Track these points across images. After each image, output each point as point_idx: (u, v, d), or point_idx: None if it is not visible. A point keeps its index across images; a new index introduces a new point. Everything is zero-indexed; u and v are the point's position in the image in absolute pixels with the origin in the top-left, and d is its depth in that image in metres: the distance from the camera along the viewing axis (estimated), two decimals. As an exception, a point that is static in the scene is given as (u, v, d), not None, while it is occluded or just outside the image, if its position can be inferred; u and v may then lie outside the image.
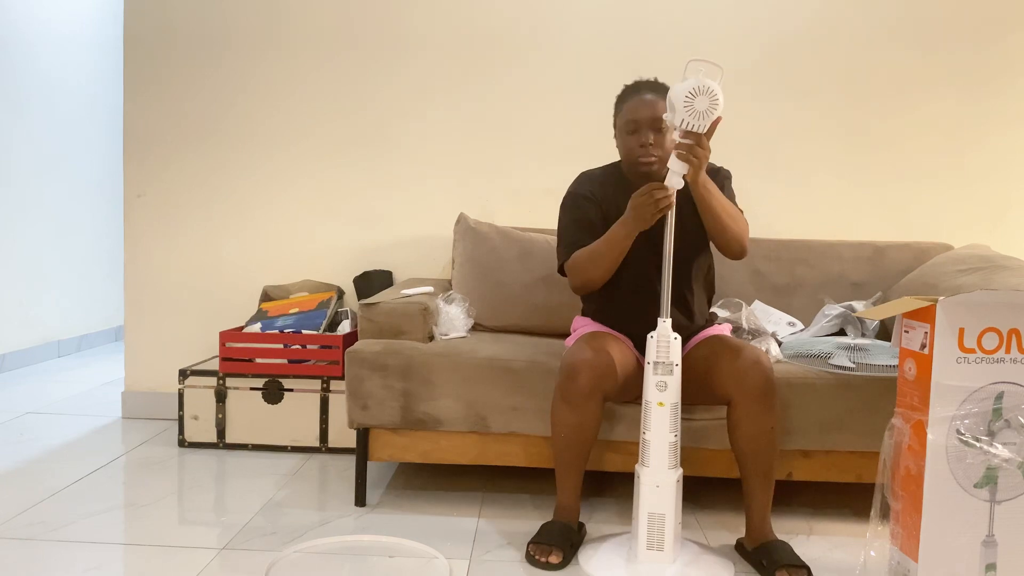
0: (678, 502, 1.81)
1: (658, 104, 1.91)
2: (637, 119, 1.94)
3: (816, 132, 2.94)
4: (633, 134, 1.96)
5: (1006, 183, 2.94)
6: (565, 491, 1.95)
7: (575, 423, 1.88)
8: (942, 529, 1.56)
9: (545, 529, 1.92)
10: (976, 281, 2.22)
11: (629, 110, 1.96)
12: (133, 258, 3.06)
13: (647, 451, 1.79)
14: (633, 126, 1.95)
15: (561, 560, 1.84)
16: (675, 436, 1.79)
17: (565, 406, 1.88)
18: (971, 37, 2.91)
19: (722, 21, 2.92)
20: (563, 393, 1.88)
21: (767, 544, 1.85)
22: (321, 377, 2.66)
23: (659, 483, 1.78)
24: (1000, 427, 1.56)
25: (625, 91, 2.03)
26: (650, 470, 1.79)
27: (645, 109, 1.93)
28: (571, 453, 1.91)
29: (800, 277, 2.71)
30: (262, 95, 3.01)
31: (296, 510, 2.15)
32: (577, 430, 1.89)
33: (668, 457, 1.78)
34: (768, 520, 1.89)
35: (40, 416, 3.10)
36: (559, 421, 1.90)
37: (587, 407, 1.87)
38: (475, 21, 2.96)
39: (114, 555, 1.85)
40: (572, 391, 1.86)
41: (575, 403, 1.87)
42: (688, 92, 1.69)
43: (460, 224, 2.77)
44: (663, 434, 1.78)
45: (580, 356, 1.88)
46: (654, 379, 1.78)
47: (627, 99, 1.99)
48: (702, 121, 1.70)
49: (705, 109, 1.69)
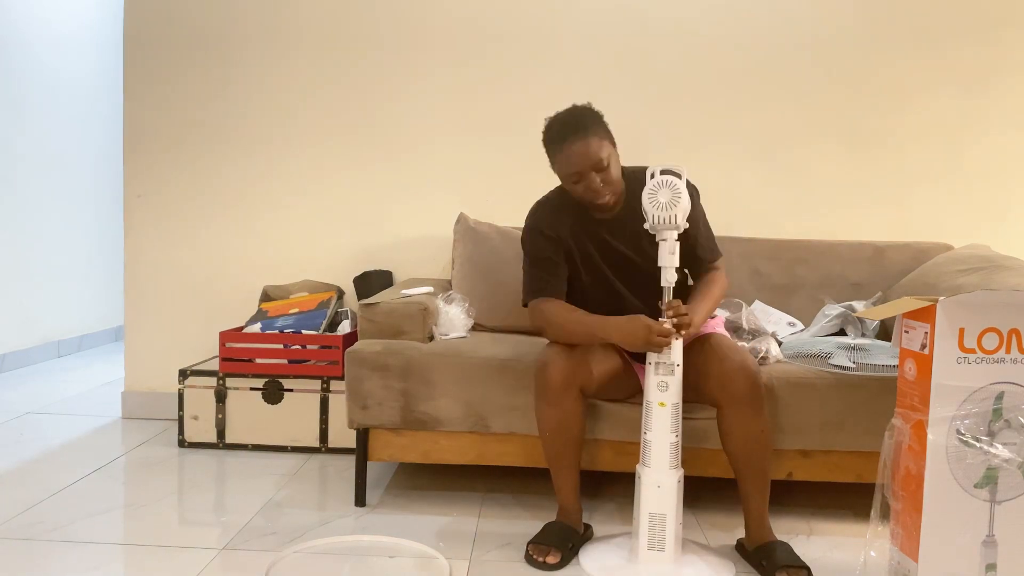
0: (679, 502, 1.81)
1: (590, 143, 1.84)
2: (577, 170, 1.86)
3: (816, 132, 2.94)
4: (579, 183, 1.88)
5: (1006, 183, 2.94)
6: (561, 491, 1.96)
7: (555, 419, 1.90)
8: (942, 529, 1.56)
9: (546, 529, 1.92)
10: (976, 281, 2.21)
11: (565, 163, 1.87)
12: (133, 258, 3.06)
13: (648, 451, 1.80)
14: (576, 177, 1.87)
15: (559, 560, 1.84)
16: (676, 436, 1.79)
17: (543, 404, 1.91)
18: (971, 37, 2.91)
19: (722, 20, 2.92)
20: (538, 391, 1.91)
21: (767, 545, 1.85)
22: (321, 377, 2.66)
23: (660, 483, 1.78)
24: (1000, 427, 1.56)
25: (554, 135, 1.90)
26: (651, 470, 1.79)
27: (579, 159, 1.84)
28: (559, 451, 1.93)
29: (800, 277, 2.71)
30: (262, 95, 3.01)
31: (296, 510, 2.15)
32: (559, 426, 1.90)
33: (669, 457, 1.78)
34: (767, 520, 1.89)
35: (40, 416, 3.10)
36: (541, 419, 1.93)
37: (564, 402, 1.88)
38: (476, 21, 2.95)
39: (114, 555, 1.85)
40: (546, 387, 1.88)
41: (551, 399, 1.89)
42: (650, 190, 1.78)
43: (460, 224, 2.76)
44: (664, 434, 1.78)
45: (549, 352, 1.91)
46: (655, 379, 1.79)
47: (560, 147, 1.87)
48: (670, 212, 1.76)
49: (668, 200, 1.76)
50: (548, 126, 1.92)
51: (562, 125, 1.88)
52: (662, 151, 2.82)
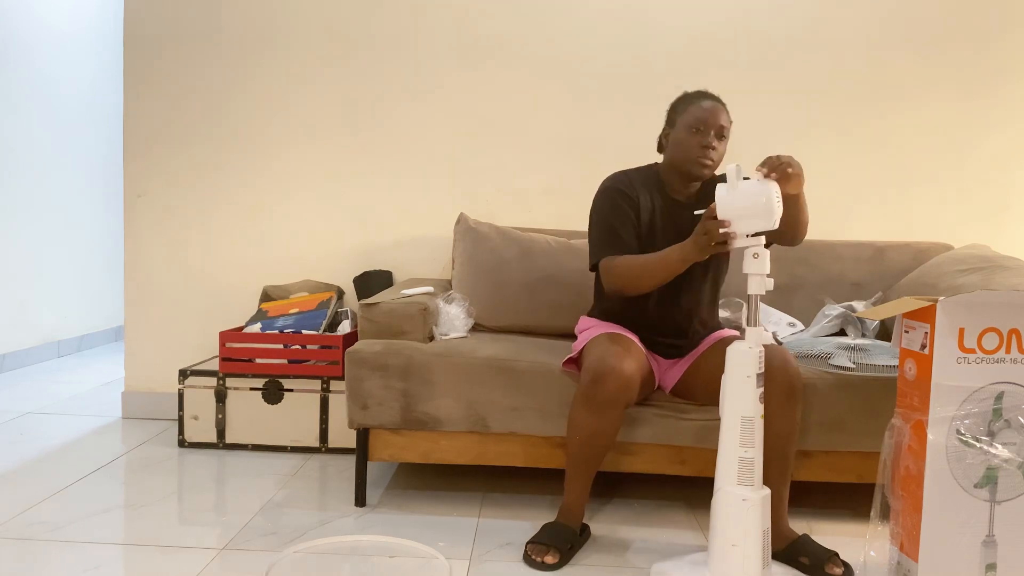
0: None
1: (724, 110, 1.98)
2: (706, 120, 1.95)
3: (816, 132, 2.94)
4: (697, 134, 1.96)
5: (1006, 183, 2.94)
6: (572, 493, 1.95)
7: (594, 429, 1.87)
8: (942, 529, 1.56)
9: (545, 529, 1.92)
10: (976, 281, 2.21)
11: (699, 110, 1.96)
12: (133, 258, 3.06)
13: (751, 469, 1.68)
14: (701, 125, 1.95)
15: (557, 561, 1.83)
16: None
17: (586, 411, 1.87)
18: (971, 36, 2.91)
19: (722, 20, 2.92)
20: (586, 398, 1.86)
21: (796, 541, 1.85)
22: (321, 377, 2.66)
23: (764, 498, 1.69)
24: (1000, 427, 1.56)
25: (692, 94, 2.03)
26: (755, 487, 1.68)
27: (717, 114, 1.96)
28: (584, 457, 1.91)
29: (800, 277, 2.71)
30: (262, 95, 3.01)
31: (296, 510, 2.15)
32: (595, 436, 1.88)
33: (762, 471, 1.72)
34: (787, 517, 1.89)
35: (40, 416, 3.10)
36: (578, 425, 1.89)
37: (609, 415, 1.86)
38: (477, 21, 2.95)
39: (114, 555, 1.85)
40: (596, 397, 1.85)
41: (598, 410, 1.86)
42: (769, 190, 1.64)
43: (460, 224, 2.77)
44: (759, 448, 1.69)
45: (608, 363, 1.85)
46: (756, 392, 1.67)
47: (696, 100, 1.99)
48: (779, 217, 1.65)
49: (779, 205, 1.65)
50: (686, 92, 2.05)
51: (703, 91, 2.03)
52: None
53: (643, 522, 2.14)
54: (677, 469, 2.14)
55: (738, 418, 1.67)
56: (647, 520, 2.16)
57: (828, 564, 1.79)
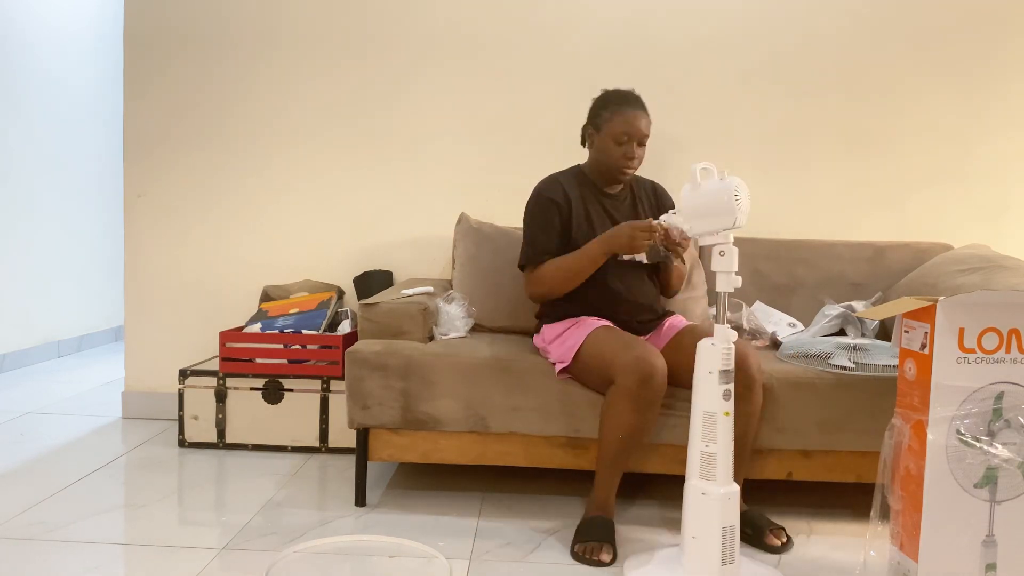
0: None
1: (645, 118, 2.11)
2: (630, 132, 2.07)
3: (816, 132, 2.94)
4: (622, 145, 2.08)
5: (1006, 183, 2.94)
6: (606, 488, 1.96)
7: (636, 426, 1.89)
8: (942, 529, 1.56)
9: (588, 527, 1.91)
10: (976, 281, 2.21)
11: (624, 123, 2.07)
12: (133, 258, 3.06)
13: (714, 464, 1.69)
14: (625, 137, 2.07)
15: (613, 557, 1.83)
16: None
17: (631, 410, 1.87)
18: (971, 37, 2.90)
19: (722, 21, 2.92)
20: (633, 398, 1.86)
21: (743, 515, 1.85)
22: (321, 377, 2.66)
23: (729, 495, 1.70)
24: (1000, 427, 1.56)
25: (615, 98, 2.10)
26: (719, 483, 1.69)
27: (640, 124, 2.08)
28: (623, 452, 1.92)
29: (800, 277, 2.71)
30: (263, 95, 3.01)
31: (296, 510, 2.15)
32: (635, 432, 1.90)
33: (731, 467, 1.72)
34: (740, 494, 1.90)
35: (40, 416, 3.10)
36: (620, 423, 1.89)
37: (652, 412, 1.90)
38: (477, 21, 2.95)
39: (114, 555, 1.85)
40: (644, 397, 1.86)
41: (644, 408, 1.87)
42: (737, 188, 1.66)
43: (461, 224, 2.76)
44: (727, 444, 1.70)
45: (649, 362, 1.85)
46: (721, 388, 1.68)
47: (621, 108, 2.08)
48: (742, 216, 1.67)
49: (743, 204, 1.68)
50: (608, 92, 2.15)
51: (625, 94, 2.13)
52: (661, 151, 2.82)
53: (644, 522, 2.14)
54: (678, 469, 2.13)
55: (700, 413, 1.70)
56: (648, 520, 2.16)
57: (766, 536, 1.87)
